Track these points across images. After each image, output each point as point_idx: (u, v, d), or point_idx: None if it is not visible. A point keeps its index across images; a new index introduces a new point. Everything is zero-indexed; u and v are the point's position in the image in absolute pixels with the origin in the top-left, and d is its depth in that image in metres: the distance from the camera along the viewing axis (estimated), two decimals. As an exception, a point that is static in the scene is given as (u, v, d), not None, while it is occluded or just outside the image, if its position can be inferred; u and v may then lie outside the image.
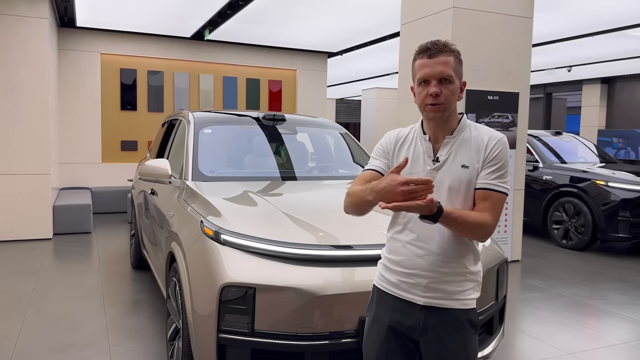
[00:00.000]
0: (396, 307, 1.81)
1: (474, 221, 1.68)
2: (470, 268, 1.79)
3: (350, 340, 2.39)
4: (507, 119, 5.87)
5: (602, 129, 14.28)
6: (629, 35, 8.79)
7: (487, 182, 1.74)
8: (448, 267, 1.75)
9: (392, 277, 1.83)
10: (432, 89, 1.74)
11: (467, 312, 1.79)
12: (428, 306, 1.76)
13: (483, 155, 1.76)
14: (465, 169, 1.76)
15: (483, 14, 5.62)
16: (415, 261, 1.77)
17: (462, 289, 1.77)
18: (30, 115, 6.62)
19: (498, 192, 1.74)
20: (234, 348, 2.41)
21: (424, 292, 1.76)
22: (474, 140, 1.79)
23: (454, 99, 1.78)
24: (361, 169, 4.24)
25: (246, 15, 7.80)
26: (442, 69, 1.74)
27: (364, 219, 3.01)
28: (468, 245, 1.78)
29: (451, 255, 1.75)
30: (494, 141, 1.78)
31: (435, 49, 1.77)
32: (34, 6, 6.57)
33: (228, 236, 2.56)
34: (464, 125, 1.83)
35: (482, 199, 1.74)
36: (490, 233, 1.73)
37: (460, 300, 1.77)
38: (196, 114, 4.18)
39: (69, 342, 3.60)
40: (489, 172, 1.75)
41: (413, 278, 1.77)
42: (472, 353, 1.81)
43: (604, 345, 3.80)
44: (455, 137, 1.80)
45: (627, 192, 6.61)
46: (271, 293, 2.36)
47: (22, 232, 6.68)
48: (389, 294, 1.84)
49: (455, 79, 1.77)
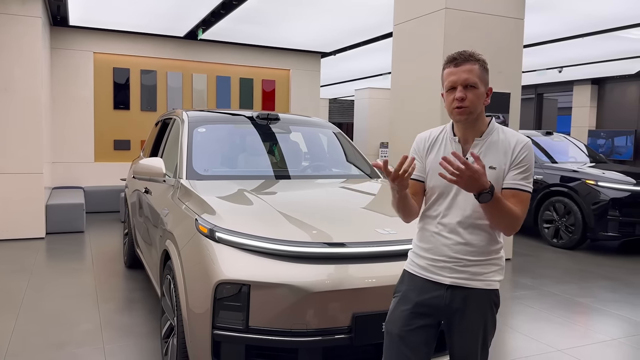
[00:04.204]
0: (425, 287, 1.99)
1: (511, 210, 1.83)
2: (493, 255, 1.96)
3: (344, 337, 2.42)
4: (498, 119, 5.92)
5: (592, 129, 14.42)
6: (619, 36, 8.89)
7: (515, 182, 1.89)
8: (472, 255, 1.93)
9: (421, 261, 2.02)
10: (458, 94, 1.90)
11: (490, 292, 1.97)
12: (454, 285, 1.94)
13: (510, 158, 1.91)
14: (493, 170, 1.90)
15: (475, 14, 5.67)
16: (442, 249, 1.96)
17: (485, 271, 1.95)
18: (23, 114, 6.60)
19: (525, 191, 1.90)
20: (229, 344, 2.44)
21: (450, 274, 1.94)
22: (502, 143, 1.93)
23: (480, 104, 1.93)
24: (355, 168, 4.30)
25: (240, 14, 7.81)
26: (467, 76, 1.90)
27: (357, 218, 3.06)
28: (491, 235, 1.95)
29: (475, 244, 1.93)
30: (520, 145, 1.92)
31: (461, 59, 1.93)
32: (27, 5, 6.56)
33: (223, 234, 2.59)
34: (493, 128, 1.97)
35: (511, 196, 1.88)
36: (518, 226, 1.89)
37: (484, 281, 1.95)
38: (190, 113, 4.19)
39: (64, 340, 3.61)
40: (516, 173, 1.89)
41: (440, 262, 1.96)
42: (489, 329, 2.00)
43: (593, 342, 3.86)
44: (484, 140, 1.95)
45: (617, 192, 6.70)
46: (265, 290, 2.39)
47: (14, 231, 6.66)
48: (418, 276, 2.02)
49: (480, 85, 1.92)
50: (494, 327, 2.02)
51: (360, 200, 3.53)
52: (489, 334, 2.00)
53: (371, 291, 2.43)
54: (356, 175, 4.23)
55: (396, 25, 6.24)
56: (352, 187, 3.81)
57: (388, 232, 2.66)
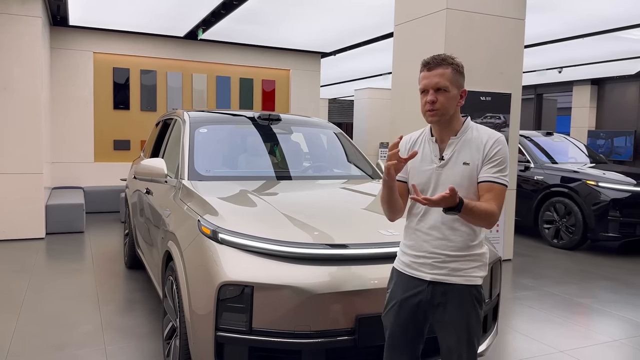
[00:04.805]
0: (409, 283, 2.08)
1: (486, 210, 1.91)
2: (474, 251, 2.03)
3: (347, 338, 2.41)
4: (499, 119, 5.92)
5: (592, 129, 14.42)
6: (619, 37, 8.89)
7: (488, 176, 1.98)
8: (450, 250, 2.00)
9: (405, 259, 2.12)
10: (429, 97, 1.99)
11: (471, 287, 2.02)
12: (434, 281, 2.02)
13: (483, 153, 2.00)
14: (467, 166, 2.00)
15: (476, 15, 5.67)
16: (422, 245, 2.05)
17: (466, 267, 2.02)
18: (23, 114, 6.59)
19: (499, 184, 1.98)
20: (232, 346, 2.43)
21: (431, 270, 2.02)
22: (475, 141, 2.03)
23: (451, 106, 2.01)
24: (356, 169, 4.30)
25: (240, 15, 7.81)
26: (437, 80, 1.99)
27: (360, 219, 3.06)
28: (470, 231, 2.02)
29: (453, 240, 2.00)
30: (492, 140, 2.01)
31: (434, 63, 2.01)
32: (28, 5, 6.54)
33: (225, 235, 2.58)
34: (467, 127, 2.07)
35: (486, 190, 1.97)
36: (496, 220, 1.96)
37: (464, 276, 2.01)
38: (191, 114, 4.19)
39: (65, 341, 3.60)
40: (489, 167, 1.99)
41: (421, 259, 2.05)
42: (473, 325, 2.03)
43: (594, 343, 3.86)
44: (459, 138, 2.04)
45: (617, 192, 6.70)
46: (269, 291, 2.38)
47: (14, 232, 6.65)
48: (403, 273, 2.12)
49: (451, 89, 2.00)
50: (479, 325, 2.06)
51: (362, 201, 3.52)
52: (474, 331, 2.03)
53: (375, 293, 2.43)
54: (357, 175, 4.22)
55: (397, 25, 6.24)
56: (354, 188, 3.81)
57: (391, 234, 2.65)
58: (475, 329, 2.03)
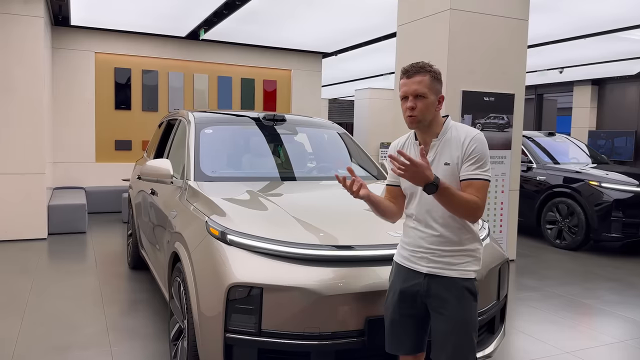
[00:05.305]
0: (408, 275, 2.19)
1: (465, 198, 2.00)
2: (467, 246, 2.12)
3: (357, 340, 2.41)
4: (502, 120, 5.92)
5: (592, 129, 14.43)
6: (620, 37, 8.89)
7: (468, 174, 2.07)
8: (445, 246, 2.10)
9: (405, 252, 2.23)
10: (409, 104, 2.09)
11: (465, 280, 2.10)
12: (431, 274, 2.11)
13: (461, 151, 2.08)
14: (447, 166, 2.09)
15: (480, 15, 5.66)
16: (419, 242, 2.16)
17: (460, 262, 2.11)
18: (25, 115, 6.58)
19: (478, 179, 2.06)
20: (241, 348, 2.43)
21: (427, 263, 2.13)
22: (454, 140, 2.12)
23: (429, 111, 2.10)
24: (361, 170, 4.29)
25: (242, 15, 7.80)
26: (416, 87, 2.08)
27: (367, 220, 3.04)
28: (462, 227, 2.11)
29: (447, 236, 2.10)
30: (469, 138, 2.09)
31: (413, 71, 2.10)
32: (30, 5, 6.53)
33: (234, 236, 2.57)
34: (447, 127, 2.15)
35: (467, 186, 2.06)
36: (479, 212, 2.04)
37: (459, 270, 2.10)
38: (197, 114, 4.18)
39: (70, 343, 3.59)
40: (468, 165, 2.07)
41: (418, 253, 2.16)
42: (469, 317, 2.10)
43: (601, 344, 3.86)
44: (440, 140, 2.14)
45: (620, 193, 6.70)
46: (278, 293, 2.37)
47: (16, 232, 6.63)
48: (402, 265, 2.22)
49: (429, 95, 2.08)
50: (474, 316, 2.11)
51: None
52: (470, 322, 2.10)
53: (384, 294, 2.40)
54: (362, 176, 4.18)
55: (400, 25, 6.23)
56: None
57: (399, 235, 2.63)
58: (470, 320, 2.10)
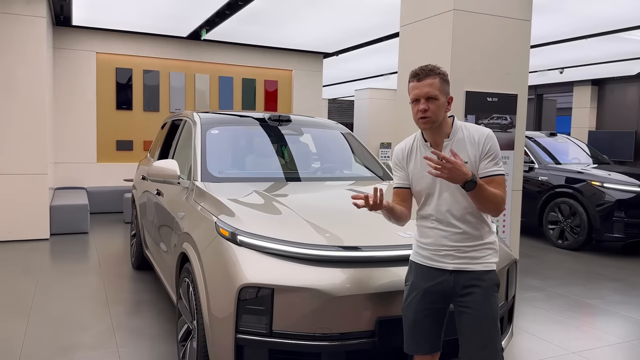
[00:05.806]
0: (431, 274, 2.22)
1: (494, 193, 2.09)
2: (486, 240, 2.20)
3: (367, 341, 2.41)
4: (505, 120, 5.92)
5: (592, 130, 14.45)
6: (621, 37, 8.91)
7: (488, 171, 2.16)
8: (468, 242, 2.17)
9: (425, 252, 2.25)
10: (421, 106, 2.15)
11: (489, 272, 2.19)
12: (456, 270, 2.17)
13: (479, 150, 2.17)
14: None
15: (483, 16, 5.66)
16: (441, 241, 2.19)
17: (482, 255, 2.18)
18: (27, 115, 6.57)
19: (498, 175, 2.17)
20: (252, 348, 2.43)
21: (452, 260, 2.18)
22: (467, 139, 2.19)
23: (441, 112, 2.17)
24: (366, 170, 4.29)
25: (243, 15, 7.79)
26: (428, 90, 2.14)
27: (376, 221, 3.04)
28: (481, 222, 2.18)
29: (470, 232, 2.17)
30: (484, 137, 2.19)
31: (423, 74, 2.16)
32: (32, 5, 6.52)
33: (244, 237, 2.58)
34: (457, 127, 2.23)
35: (488, 182, 2.12)
36: (503, 206, 2.14)
37: (482, 263, 2.18)
38: (202, 115, 4.18)
39: (77, 343, 3.59)
40: (487, 162, 2.16)
41: (442, 252, 2.19)
42: (494, 306, 2.17)
43: (606, 344, 3.87)
44: (452, 139, 2.20)
45: (622, 193, 6.72)
46: (289, 294, 2.38)
47: (19, 233, 6.62)
48: (424, 265, 2.25)
49: (440, 97, 2.15)
50: (496, 307, 2.19)
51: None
52: (496, 313, 2.18)
53: (395, 295, 2.42)
54: (367, 177, 4.21)
55: (402, 26, 6.23)
56: (366, 190, 3.80)
57: (410, 236, 2.64)
58: (496, 309, 2.17)
